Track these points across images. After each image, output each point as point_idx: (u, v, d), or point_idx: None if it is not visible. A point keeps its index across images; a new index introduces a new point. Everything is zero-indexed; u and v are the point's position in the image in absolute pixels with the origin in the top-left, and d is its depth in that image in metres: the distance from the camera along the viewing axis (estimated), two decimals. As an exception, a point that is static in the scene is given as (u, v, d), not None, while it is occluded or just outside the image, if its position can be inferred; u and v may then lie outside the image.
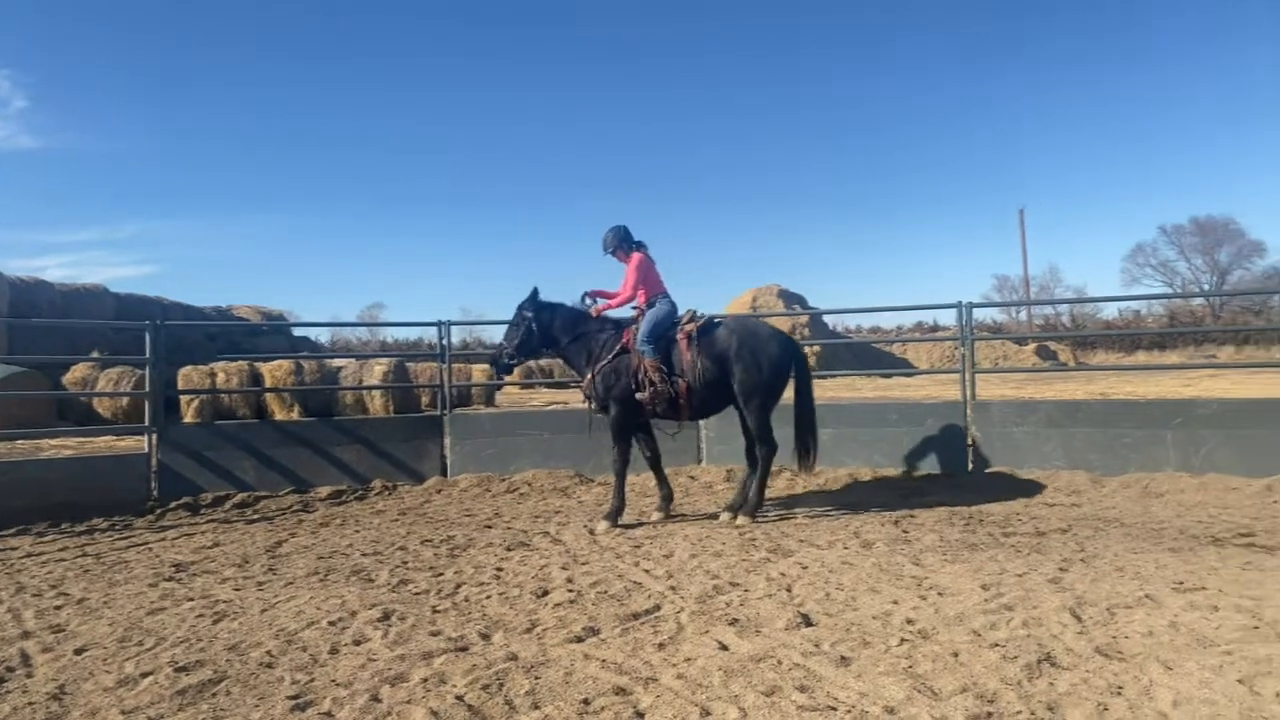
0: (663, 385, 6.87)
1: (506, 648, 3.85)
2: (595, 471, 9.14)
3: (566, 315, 7.36)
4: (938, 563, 5.25)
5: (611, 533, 6.57)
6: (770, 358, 6.96)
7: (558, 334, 7.32)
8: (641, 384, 6.94)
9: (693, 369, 6.89)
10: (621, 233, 7.27)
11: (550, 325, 7.32)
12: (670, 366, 6.95)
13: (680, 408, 7.02)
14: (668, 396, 6.91)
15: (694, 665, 3.55)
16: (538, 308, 7.35)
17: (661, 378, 6.88)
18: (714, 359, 6.92)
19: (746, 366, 6.88)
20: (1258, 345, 33.35)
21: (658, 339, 6.98)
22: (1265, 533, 5.88)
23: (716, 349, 6.95)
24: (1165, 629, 3.83)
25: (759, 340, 7.03)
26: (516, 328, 7.35)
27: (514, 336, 7.35)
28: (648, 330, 6.96)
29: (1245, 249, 55.84)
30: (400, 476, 9.09)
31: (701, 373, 6.89)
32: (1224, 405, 8.16)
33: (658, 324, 7.01)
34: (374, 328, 45.79)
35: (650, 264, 7.25)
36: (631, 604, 4.50)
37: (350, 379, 17.14)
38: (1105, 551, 5.41)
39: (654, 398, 6.91)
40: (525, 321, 7.31)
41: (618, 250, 7.27)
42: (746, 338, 7.01)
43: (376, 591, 4.95)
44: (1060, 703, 3.06)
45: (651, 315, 7.03)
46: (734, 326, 7.19)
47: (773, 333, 7.19)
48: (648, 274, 7.20)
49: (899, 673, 3.38)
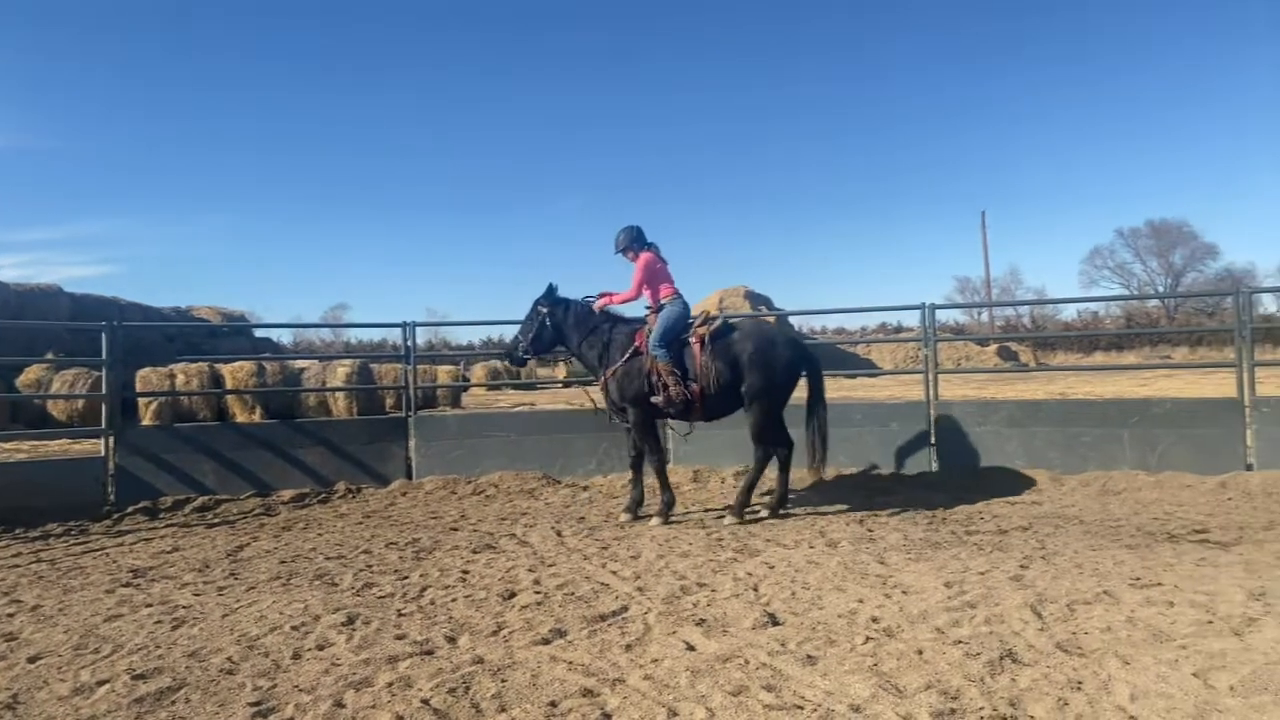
0: (676, 389, 6.87)
1: (473, 651, 3.82)
2: (563, 473, 9.12)
3: (581, 313, 7.38)
4: (902, 561, 5.30)
5: (663, 529, 6.62)
6: (784, 364, 7.00)
7: (571, 331, 7.35)
8: (655, 387, 6.95)
9: (706, 373, 6.90)
10: (634, 233, 7.27)
11: (565, 322, 7.36)
12: (683, 369, 6.95)
13: (694, 410, 7.04)
14: (682, 400, 6.91)
15: (661, 666, 3.55)
16: (553, 303, 7.37)
17: (675, 381, 6.88)
18: (728, 363, 6.93)
19: (760, 372, 6.90)
20: (1210, 346, 34.16)
21: (670, 342, 6.99)
22: (1219, 529, 6.02)
23: (731, 352, 6.96)
24: (1123, 624, 3.90)
25: (774, 346, 7.06)
26: (532, 322, 7.38)
27: (529, 331, 7.39)
28: (660, 333, 6.97)
29: (1198, 252, 57.25)
30: (364, 479, 8.99)
31: (716, 376, 6.89)
32: (1178, 405, 8.34)
33: (671, 327, 7.01)
34: (338, 329, 45.29)
35: (661, 265, 7.26)
36: (599, 605, 4.49)
37: (313, 381, 16.93)
38: (1065, 549, 5.50)
39: (668, 401, 6.92)
40: (541, 317, 7.34)
41: (628, 250, 7.27)
42: (762, 343, 7.02)
43: (340, 595, 4.89)
44: (1022, 698, 3.10)
45: (664, 318, 7.03)
46: (750, 331, 7.20)
47: (787, 339, 7.24)
48: (657, 275, 7.21)
49: (864, 671, 3.41)
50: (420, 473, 9.16)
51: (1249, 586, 4.43)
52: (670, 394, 6.88)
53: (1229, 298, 10.41)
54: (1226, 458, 7.75)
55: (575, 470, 9.18)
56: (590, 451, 9.25)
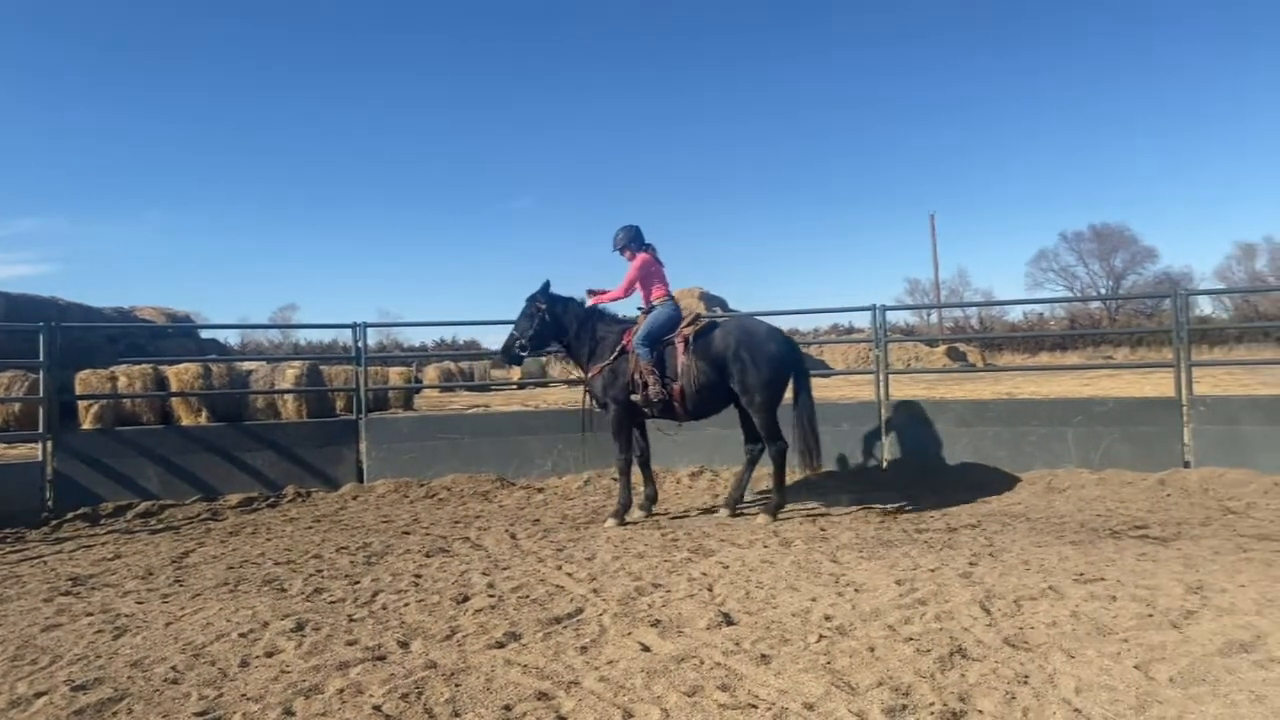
0: (655, 388, 6.91)
1: (426, 655, 3.78)
2: (518, 475, 9.06)
3: (577, 311, 7.41)
4: (854, 560, 5.37)
5: (619, 530, 6.65)
6: (768, 356, 7.02)
7: (567, 327, 7.36)
8: (636, 386, 7.00)
9: (687, 372, 6.94)
10: (632, 232, 7.32)
11: (562, 318, 7.36)
12: (664, 369, 7.00)
13: (676, 410, 7.08)
14: (661, 399, 6.94)
15: (616, 667, 3.54)
16: (551, 300, 7.38)
17: (654, 380, 6.92)
18: (710, 361, 6.98)
19: (745, 367, 6.94)
20: (1150, 346, 35.15)
21: (654, 342, 7.04)
22: (1158, 525, 6.19)
23: (713, 351, 7.00)
24: (1068, 619, 3.99)
25: (756, 340, 7.08)
26: (530, 319, 7.36)
27: (527, 328, 7.35)
28: (644, 333, 7.03)
29: (1138, 255, 58.87)
30: (314, 483, 8.84)
31: (696, 375, 6.93)
32: (1120, 404, 8.56)
33: (656, 328, 7.08)
34: (286, 329, 44.49)
35: (657, 266, 7.31)
36: (554, 608, 4.47)
37: (261, 382, 16.62)
38: (1012, 546, 5.61)
39: (646, 400, 6.96)
40: (539, 313, 7.33)
41: (626, 249, 7.31)
42: (743, 338, 7.05)
43: (290, 601, 4.80)
44: (971, 693, 3.16)
45: (652, 318, 7.10)
46: (731, 328, 7.24)
47: (770, 331, 7.25)
48: (651, 276, 7.27)
49: (818, 669, 3.44)
50: (372, 476, 9.04)
51: (1187, 580, 4.57)
52: (649, 393, 6.93)
53: (1167, 300, 10.71)
54: (1165, 455, 7.98)
55: (530, 472, 9.13)
56: (545, 453, 9.21)
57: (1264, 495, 6.95)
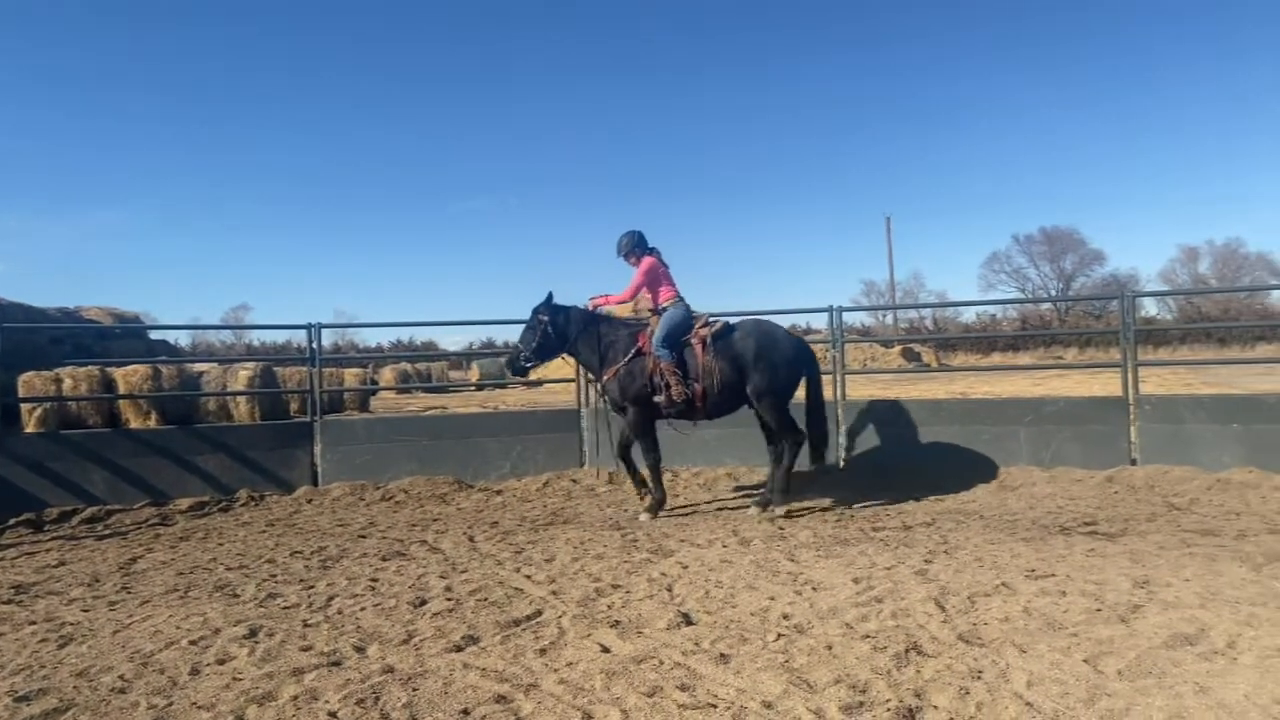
0: (678, 388, 7.00)
1: (382, 660, 3.73)
2: (476, 477, 9.00)
3: (581, 318, 7.51)
4: (812, 558, 5.42)
5: (652, 524, 6.79)
6: (786, 360, 7.19)
7: (573, 336, 7.46)
8: (658, 387, 7.07)
9: (709, 373, 7.05)
10: (636, 237, 7.42)
11: (565, 328, 7.46)
12: (685, 370, 7.09)
13: (696, 410, 7.18)
14: (684, 399, 7.03)
15: (576, 669, 3.53)
16: (553, 311, 7.46)
17: (677, 381, 7.01)
18: (731, 362, 7.10)
19: (763, 371, 7.09)
20: (1098, 347, 36.00)
21: (674, 343, 7.13)
22: (1106, 521, 6.33)
23: (734, 352, 7.13)
24: (1020, 614, 4.07)
25: (775, 342, 7.24)
26: (533, 330, 7.46)
27: (531, 339, 7.44)
28: (663, 334, 7.12)
29: (1087, 257, 60.19)
30: (268, 486, 8.70)
31: (718, 376, 7.06)
32: (1069, 403, 8.75)
33: (674, 328, 7.16)
34: (239, 330, 43.65)
35: (663, 269, 7.42)
36: (512, 610, 4.45)
37: (213, 384, 16.29)
38: (966, 543, 5.71)
39: (670, 401, 7.04)
40: (542, 325, 7.42)
41: (630, 254, 7.41)
42: (764, 341, 7.20)
43: (242, 607, 4.71)
44: (926, 689, 3.20)
45: (667, 319, 7.18)
46: (750, 330, 7.34)
47: (786, 335, 7.43)
48: (659, 279, 7.37)
49: (776, 667, 3.47)
50: (327, 479, 8.91)
51: (1134, 575, 4.68)
52: (672, 394, 7.02)
53: (1115, 301, 11.00)
54: (1113, 453, 8.17)
55: (489, 474, 9.07)
56: (504, 455, 9.16)
57: (1206, 491, 7.15)
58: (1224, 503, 6.79)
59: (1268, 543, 5.39)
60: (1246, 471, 7.49)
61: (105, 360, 15.75)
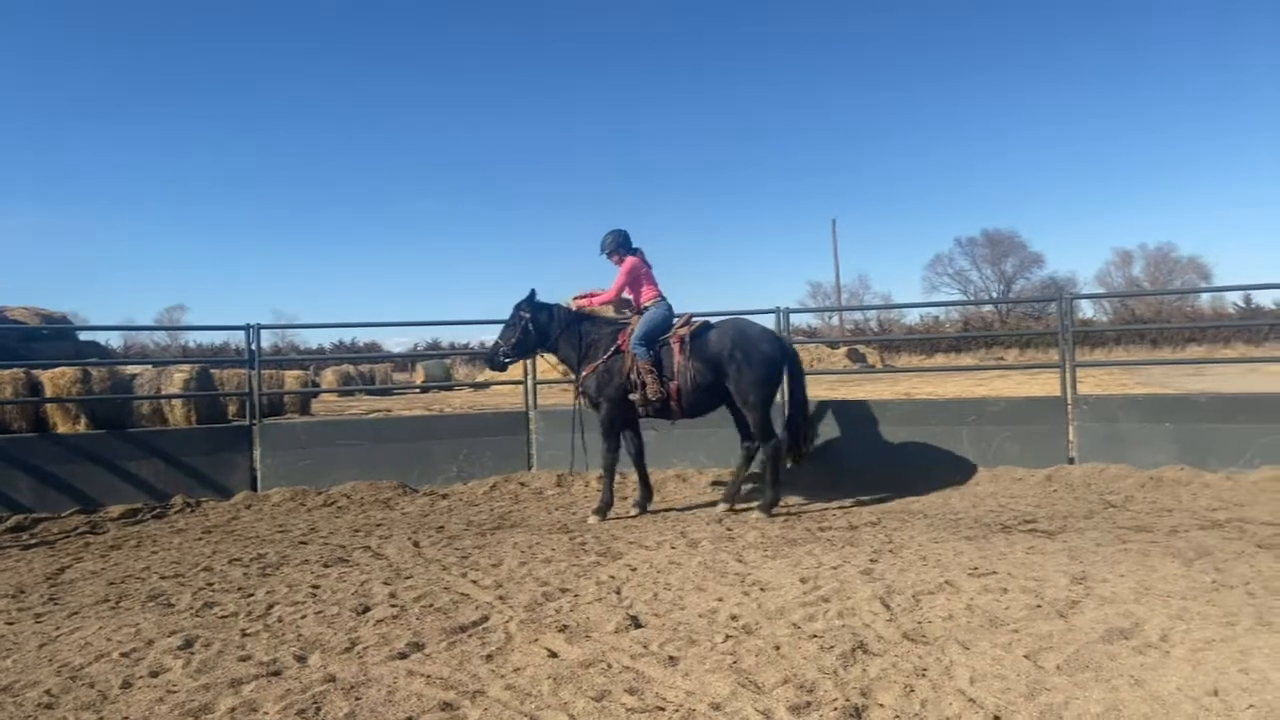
0: (653, 386, 7.05)
1: (324, 669, 3.67)
2: (420, 481, 8.89)
3: (563, 316, 7.55)
4: (760, 559, 5.46)
5: (600, 526, 6.83)
6: (763, 356, 7.20)
7: (553, 333, 7.51)
8: (634, 385, 7.12)
9: (684, 372, 7.11)
10: (620, 237, 7.51)
11: (547, 325, 7.51)
12: (661, 368, 7.14)
13: (672, 409, 7.23)
14: (659, 397, 7.07)
15: (523, 675, 3.51)
16: (535, 308, 7.48)
17: (653, 379, 7.06)
18: (707, 361, 7.14)
19: (740, 367, 7.11)
20: (1038, 348, 36.94)
21: (651, 341, 7.19)
22: (1046, 519, 6.50)
23: (710, 351, 7.17)
24: (963, 612, 4.15)
25: (751, 341, 7.25)
26: (513, 327, 7.50)
27: (511, 336, 7.49)
28: (641, 333, 7.19)
29: (1027, 260, 61.70)
30: (205, 492, 8.48)
31: (693, 375, 7.11)
32: (1010, 403, 8.96)
33: (653, 328, 7.24)
34: (174, 331, 42.53)
35: (646, 269, 7.49)
36: (458, 616, 4.40)
37: (147, 387, 15.88)
38: (911, 542, 5.81)
39: (644, 399, 7.09)
40: (522, 321, 7.48)
41: (614, 253, 7.50)
42: (739, 339, 7.22)
43: (177, 617, 4.59)
44: (872, 687, 3.25)
45: (647, 318, 7.26)
46: (726, 329, 7.37)
47: (764, 332, 7.46)
48: (641, 278, 7.45)
49: (724, 669, 3.49)
50: (266, 484, 8.72)
51: (1072, 572, 4.82)
52: (648, 392, 7.06)
53: (1053, 304, 11.29)
54: (1052, 452, 8.39)
55: (434, 478, 8.96)
56: (449, 458, 9.06)
57: (1140, 489, 7.39)
58: (1157, 500, 7.02)
59: (1198, 538, 5.59)
60: (1178, 469, 7.75)
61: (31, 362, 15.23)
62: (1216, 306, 50.41)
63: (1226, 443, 7.83)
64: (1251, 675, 3.24)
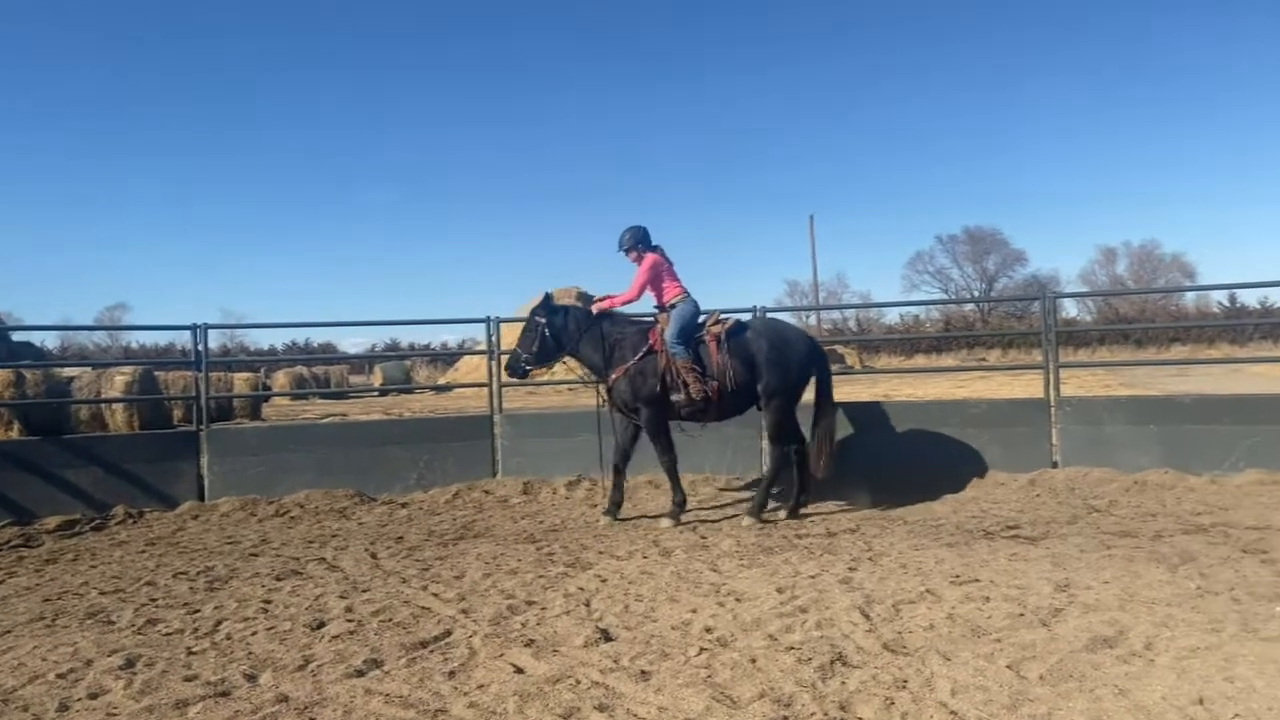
0: (696, 386, 7.06)
1: (276, 688, 3.62)
2: (379, 490, 8.81)
3: (582, 318, 7.60)
4: (735, 568, 5.48)
5: (673, 530, 6.87)
6: (799, 360, 7.33)
7: (574, 337, 7.52)
8: (674, 385, 7.11)
9: (723, 371, 7.14)
10: (640, 233, 7.51)
11: (565, 329, 7.53)
12: (702, 367, 7.16)
13: (710, 409, 7.28)
14: (702, 397, 7.09)
15: (487, 692, 3.49)
16: (550, 312, 7.49)
17: (695, 378, 7.08)
18: (744, 361, 7.20)
19: (775, 369, 7.21)
20: (1020, 349, 37.45)
21: (688, 339, 7.20)
22: (1029, 524, 6.58)
23: (748, 351, 7.24)
24: (944, 621, 4.19)
25: (788, 343, 7.38)
26: (531, 334, 7.51)
27: (530, 343, 7.50)
28: (677, 330, 7.19)
29: (1009, 258, 62.53)
30: (148, 502, 8.35)
31: (734, 375, 7.14)
32: (992, 405, 9.07)
33: (687, 324, 7.28)
34: (115, 331, 41.88)
35: (667, 266, 7.50)
36: (419, 631, 4.37)
37: (86, 391, 15.62)
38: (891, 549, 5.85)
39: (688, 399, 7.10)
40: (539, 327, 7.47)
41: (633, 250, 7.50)
42: (776, 341, 7.34)
43: (118, 635, 4.51)
44: (851, 701, 3.27)
45: (679, 315, 7.26)
46: (762, 329, 7.47)
47: (799, 335, 7.60)
48: (663, 276, 7.45)
49: (699, 683, 3.49)
50: (214, 493, 8.61)
51: (1055, 579, 4.88)
52: (691, 391, 7.08)
53: (1036, 302, 11.46)
54: (1035, 456, 8.49)
55: (392, 486, 8.89)
56: (409, 465, 9.00)
57: (1125, 493, 7.51)
58: (1141, 504, 7.14)
59: (1182, 543, 5.69)
60: (1162, 473, 7.89)
61: (-40, 365, 14.93)
62: (1201, 306, 51.44)
63: (1211, 445, 7.97)
64: (1237, 684, 3.30)
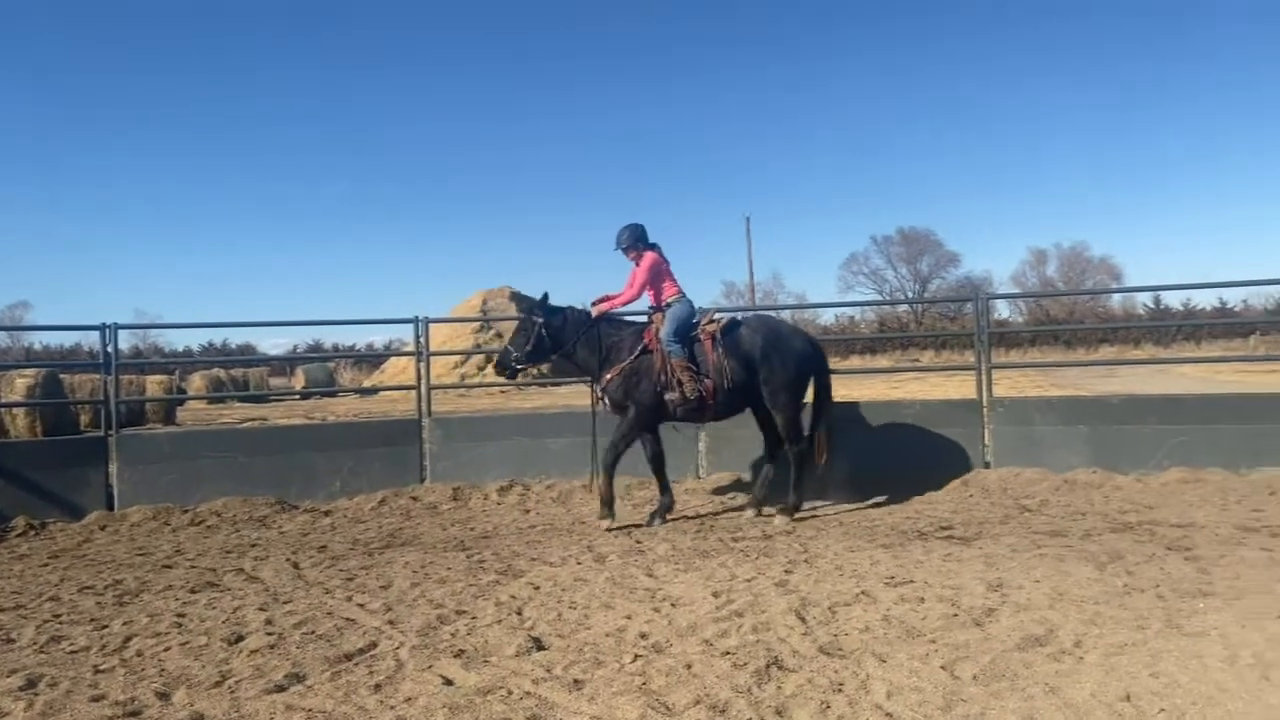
0: (691, 385, 7.08)
1: (190, 706, 3.52)
2: (300, 497, 8.63)
3: (578, 318, 7.60)
4: (670, 573, 5.50)
5: (608, 535, 6.85)
6: (796, 356, 7.38)
7: (569, 337, 7.53)
8: (670, 384, 7.19)
9: (719, 370, 7.19)
10: (638, 232, 7.55)
11: (561, 328, 7.53)
12: (696, 366, 7.19)
13: (705, 409, 7.36)
14: (697, 396, 7.10)
15: (415, 705, 3.45)
16: (548, 312, 7.54)
17: (691, 378, 7.10)
18: (740, 359, 7.24)
19: (773, 366, 7.27)
20: (953, 349, 38.38)
21: (684, 339, 7.28)
22: (962, 525, 6.75)
23: (743, 349, 7.29)
24: (880, 623, 4.27)
25: (784, 339, 7.44)
26: (525, 332, 7.54)
27: (524, 341, 7.53)
28: (673, 329, 7.23)
29: (943, 259, 64.07)
30: (52, 512, 8.04)
31: (729, 373, 7.16)
32: (926, 406, 9.27)
33: (682, 323, 7.34)
34: (16, 332, 40.31)
35: (665, 265, 7.51)
36: (343, 644, 4.29)
37: (-18, 395, 15.03)
38: (826, 551, 5.94)
39: (683, 398, 7.11)
40: (535, 326, 7.49)
41: (630, 249, 7.53)
42: (772, 337, 7.39)
43: (18, 654, 4.34)
44: (787, 705, 3.31)
45: (674, 315, 7.34)
46: (757, 326, 7.54)
47: (794, 330, 7.65)
48: (661, 275, 7.53)
49: (633, 691, 3.50)
50: (124, 502, 8.34)
51: (988, 579, 5.01)
52: (685, 390, 7.10)
53: (969, 304, 11.77)
54: (968, 456, 8.70)
55: (315, 494, 8.72)
56: (332, 472, 8.83)
57: (1055, 493, 7.75)
58: (1071, 503, 7.37)
59: (1110, 542, 5.89)
60: (1091, 472, 8.16)
61: None
62: (1127, 307, 53.40)
63: (1137, 445, 8.28)
64: (1162, 679, 3.43)
